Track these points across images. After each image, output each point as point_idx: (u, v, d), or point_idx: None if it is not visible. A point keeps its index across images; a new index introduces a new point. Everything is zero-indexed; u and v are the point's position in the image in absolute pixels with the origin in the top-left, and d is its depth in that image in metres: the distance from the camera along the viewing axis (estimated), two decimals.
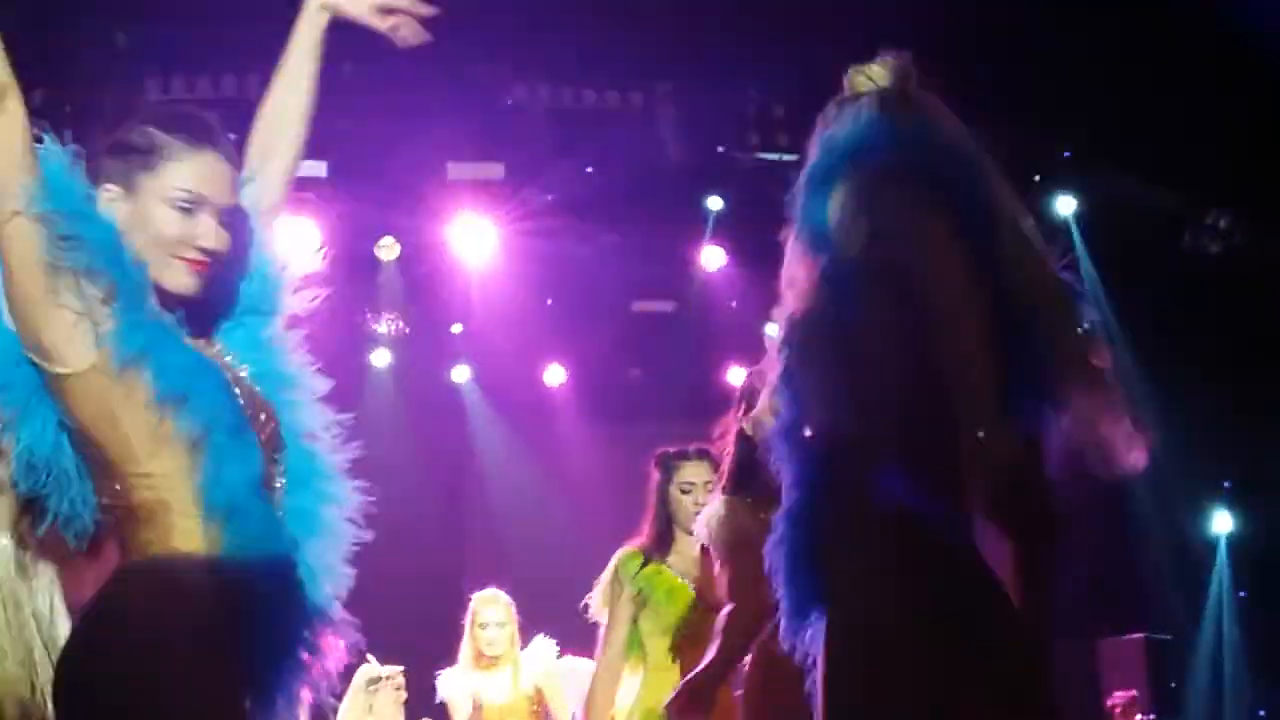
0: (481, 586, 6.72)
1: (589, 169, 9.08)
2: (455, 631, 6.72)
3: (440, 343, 10.34)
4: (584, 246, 9.53)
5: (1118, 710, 8.27)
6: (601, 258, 9.55)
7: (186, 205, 2.50)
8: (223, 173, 2.56)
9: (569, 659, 6.42)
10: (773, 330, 2.60)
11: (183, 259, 2.48)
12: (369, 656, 6.13)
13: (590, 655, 5.50)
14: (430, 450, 10.51)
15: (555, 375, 10.53)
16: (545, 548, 9.73)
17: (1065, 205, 9.43)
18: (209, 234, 2.50)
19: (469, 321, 10.07)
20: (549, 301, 10.00)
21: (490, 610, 6.26)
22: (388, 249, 9.31)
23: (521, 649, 6.46)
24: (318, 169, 8.74)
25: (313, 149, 9.26)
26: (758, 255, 9.72)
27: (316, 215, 9.01)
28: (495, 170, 8.92)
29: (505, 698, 6.11)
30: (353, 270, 9.42)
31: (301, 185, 8.88)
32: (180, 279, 2.49)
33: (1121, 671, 8.82)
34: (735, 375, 10.71)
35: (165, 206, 2.51)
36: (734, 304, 10.10)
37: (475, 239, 9.11)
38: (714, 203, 9.28)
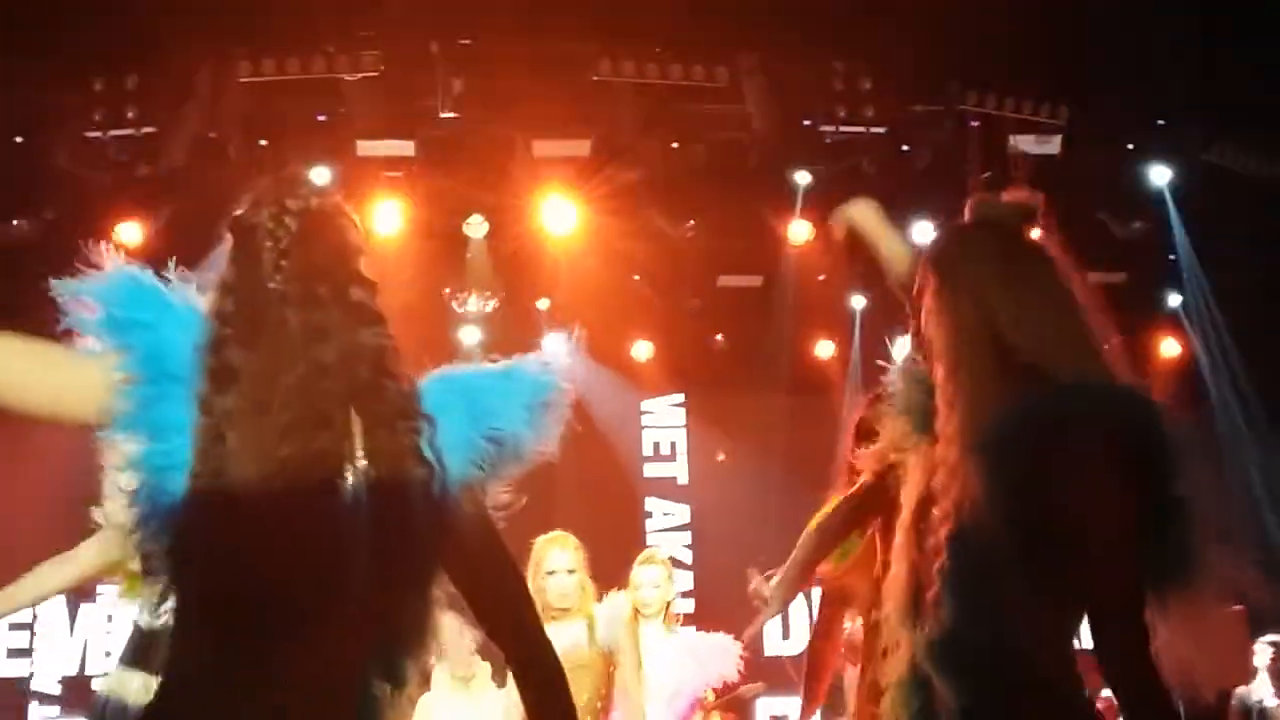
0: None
1: (675, 144, 9.07)
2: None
3: (528, 318, 10.39)
4: (670, 222, 9.53)
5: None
6: (688, 233, 9.54)
7: None
8: None
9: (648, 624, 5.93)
10: (858, 302, 2.52)
11: None
12: None
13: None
14: None
15: (642, 350, 10.55)
16: (635, 516, 9.79)
17: (1160, 175, 9.29)
18: None
19: (556, 297, 10.12)
20: (635, 277, 10.01)
21: (559, 555, 5.44)
22: (476, 226, 9.37)
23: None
24: (406, 148, 8.81)
25: (401, 128, 9.32)
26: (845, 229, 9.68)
27: (405, 194, 9.10)
28: (582, 147, 8.93)
29: (577, 655, 5.24)
30: (441, 247, 9.51)
31: (390, 164, 9.03)
32: None
33: (1220, 643, 8.68)
34: (823, 349, 10.70)
35: None
36: (822, 278, 10.06)
37: (562, 215, 9.14)
38: (801, 176, 9.23)
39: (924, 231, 9.58)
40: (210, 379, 2.14)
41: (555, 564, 5.31)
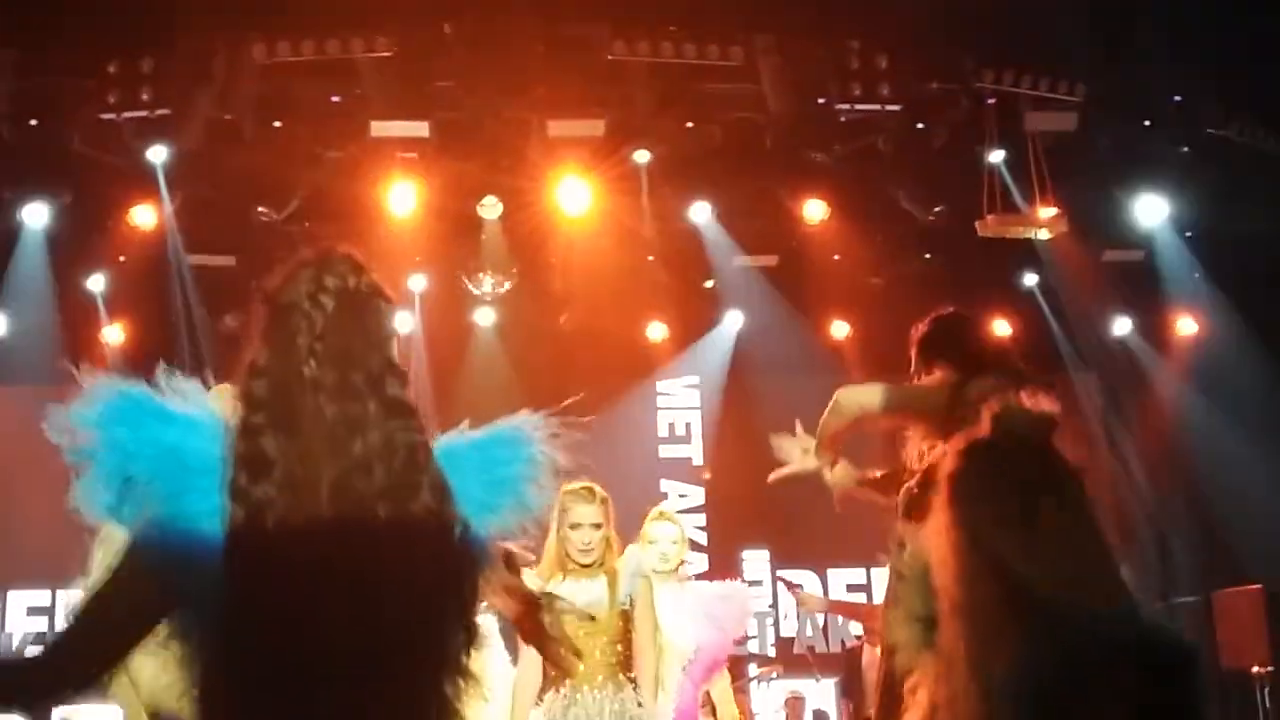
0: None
1: (690, 124, 9.05)
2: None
3: (543, 300, 10.38)
4: (685, 202, 9.51)
5: None
6: (703, 213, 9.53)
7: None
8: None
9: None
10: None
11: None
12: None
13: None
14: (535, 406, 10.55)
15: (657, 331, 10.55)
16: (650, 498, 9.77)
17: (1177, 152, 9.25)
18: None
19: (570, 278, 10.10)
20: (650, 257, 10.00)
21: (584, 508, 5.16)
22: (490, 207, 9.36)
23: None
24: (420, 129, 8.80)
25: (415, 110, 9.29)
26: (860, 208, 9.67)
27: (420, 175, 9.09)
28: (596, 127, 8.91)
29: (597, 612, 5.00)
30: (456, 229, 9.50)
31: (405, 145, 9.02)
32: None
33: (1242, 622, 8.66)
34: (838, 329, 10.68)
35: None
36: (837, 257, 10.03)
37: (576, 196, 9.13)
38: (818, 156, 9.20)
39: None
40: (244, 467, 2.15)
41: (580, 517, 5.09)
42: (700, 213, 9.58)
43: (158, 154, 8.69)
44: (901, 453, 4.11)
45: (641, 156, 9.04)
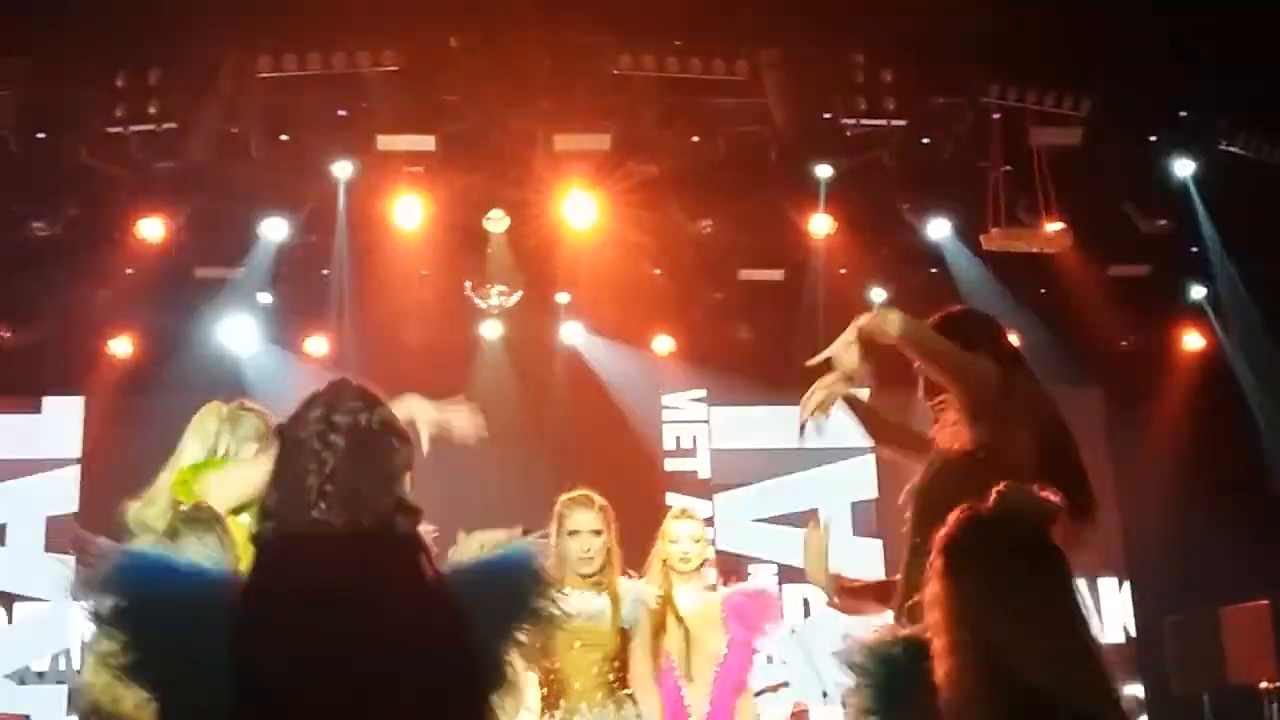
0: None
1: (695, 138, 9.06)
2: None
3: (549, 314, 10.38)
4: (691, 215, 9.51)
5: None
6: (709, 227, 9.52)
7: None
8: None
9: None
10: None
11: None
12: None
13: None
14: (541, 420, 10.57)
15: (663, 344, 10.54)
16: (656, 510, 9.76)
17: (1183, 167, 9.23)
18: None
19: (577, 291, 10.11)
20: (656, 271, 10.00)
21: (582, 514, 4.95)
22: (496, 221, 9.37)
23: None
24: (426, 143, 8.81)
25: (421, 123, 9.31)
26: (866, 222, 9.66)
27: (426, 189, 9.10)
28: (602, 141, 8.92)
29: (598, 627, 4.79)
30: (462, 242, 9.51)
31: (411, 159, 9.03)
32: None
33: (1250, 638, 8.64)
34: None
35: None
36: (843, 271, 10.03)
37: (582, 209, 9.13)
38: (822, 170, 9.21)
39: (941, 229, 9.59)
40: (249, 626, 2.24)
41: (578, 524, 4.96)
42: (703, 229, 9.57)
43: (165, 167, 8.71)
44: (933, 431, 4.05)
45: (641, 168, 9.04)
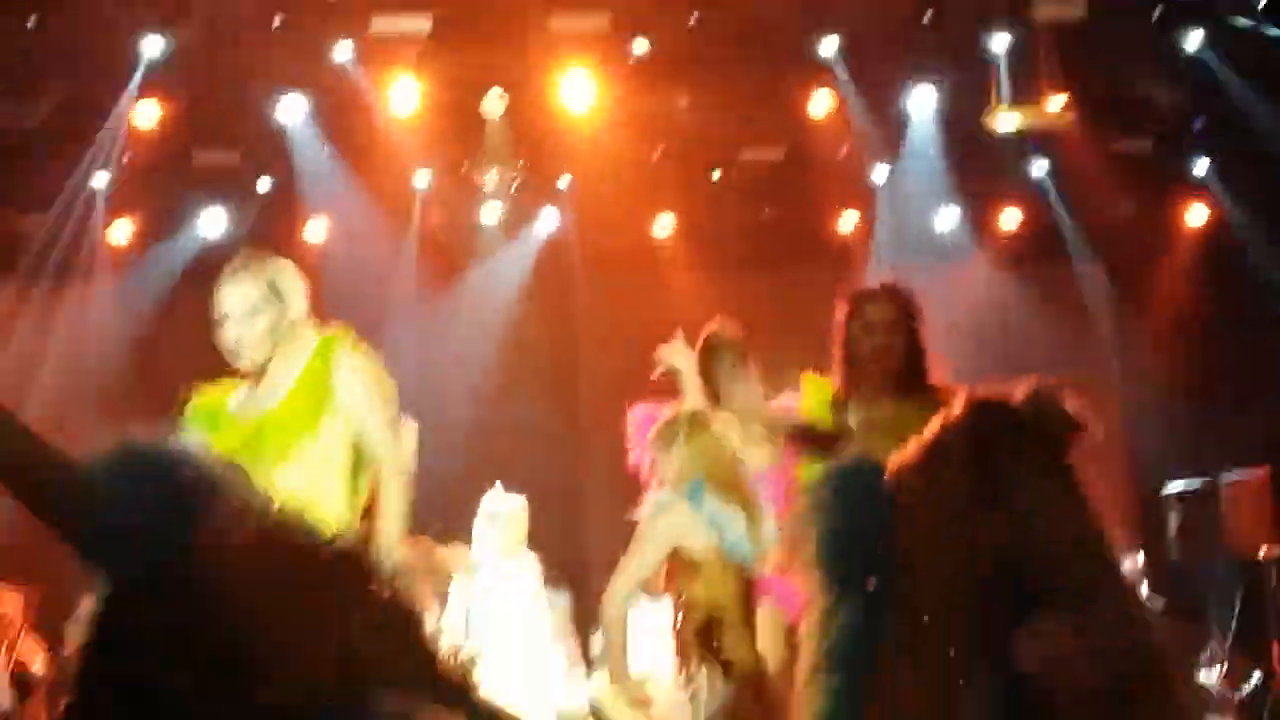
0: (598, 437, 6.64)
1: (695, 14, 8.93)
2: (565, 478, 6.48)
3: (549, 196, 10.33)
4: (691, 95, 9.42)
5: None
6: (709, 106, 9.44)
7: None
8: None
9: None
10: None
11: None
12: None
13: None
14: (542, 304, 10.58)
15: (664, 225, 10.50)
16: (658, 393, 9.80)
17: (1191, 40, 9.12)
18: None
19: (576, 173, 10.04)
20: (657, 152, 9.92)
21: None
22: (493, 102, 9.27)
23: None
24: (421, 24, 8.70)
25: (415, 3, 9.19)
26: (869, 98, 9.58)
27: (421, 71, 9.00)
28: (600, 21, 8.81)
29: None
30: (459, 125, 9.43)
31: (406, 41, 8.92)
32: None
33: (1249, 507, 8.71)
34: (846, 221, 10.64)
35: None
36: (844, 150, 9.96)
37: (581, 90, 9.05)
38: (825, 46, 9.10)
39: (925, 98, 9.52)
40: None
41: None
42: (706, 105, 9.48)
43: (157, 47, 8.61)
44: None
45: (640, 47, 8.94)
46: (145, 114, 9.00)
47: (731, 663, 4.15)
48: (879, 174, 10.22)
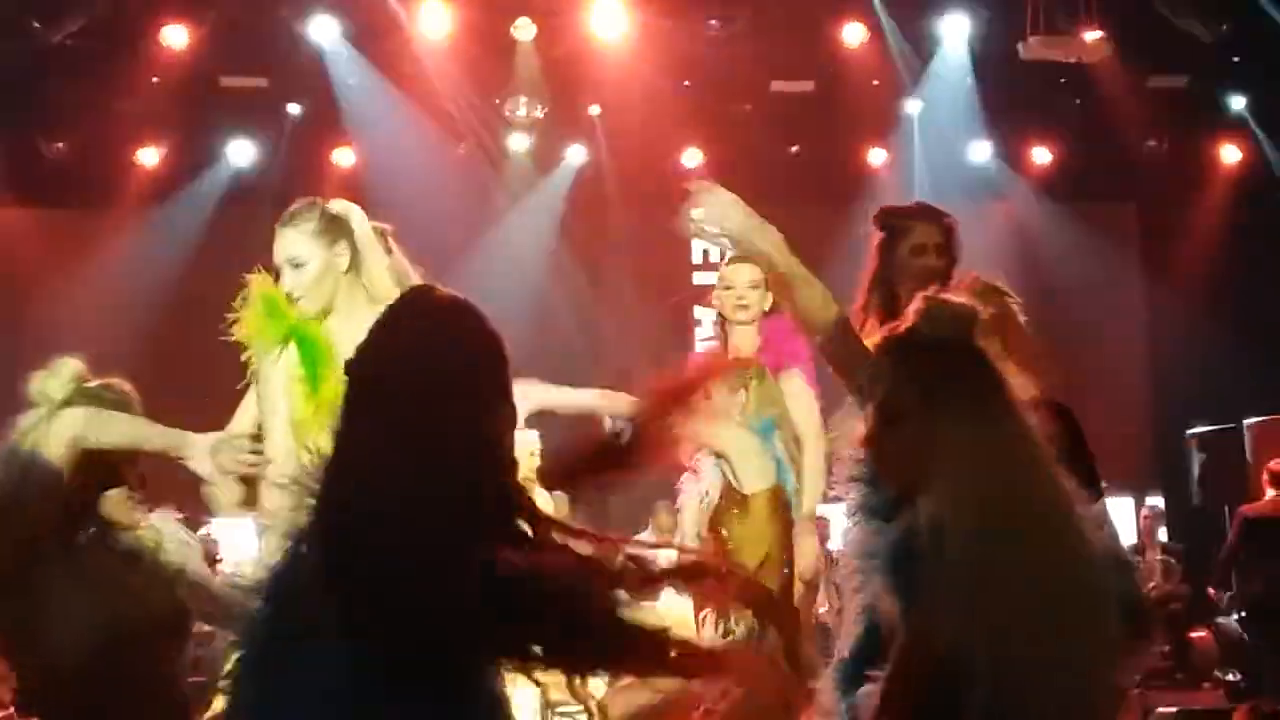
0: (617, 368, 6.64)
1: None
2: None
3: (578, 125, 10.28)
4: (721, 26, 9.34)
5: None
6: (739, 37, 9.35)
7: None
8: None
9: None
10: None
11: None
12: None
13: None
14: (569, 233, 10.56)
15: (692, 157, 10.44)
16: (680, 328, 9.83)
17: None
18: None
19: (606, 103, 9.98)
20: (686, 83, 9.85)
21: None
22: (524, 29, 9.21)
23: None
24: None
25: None
26: (901, 31, 9.49)
27: None
28: None
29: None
30: (489, 52, 9.36)
31: None
32: None
33: (1271, 450, 8.65)
34: (876, 156, 10.57)
35: None
36: (876, 82, 9.87)
37: (612, 19, 8.97)
38: None
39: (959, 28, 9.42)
40: None
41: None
42: (736, 37, 9.39)
43: None
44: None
45: None
46: (174, 37, 8.96)
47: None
48: (911, 106, 10.14)
